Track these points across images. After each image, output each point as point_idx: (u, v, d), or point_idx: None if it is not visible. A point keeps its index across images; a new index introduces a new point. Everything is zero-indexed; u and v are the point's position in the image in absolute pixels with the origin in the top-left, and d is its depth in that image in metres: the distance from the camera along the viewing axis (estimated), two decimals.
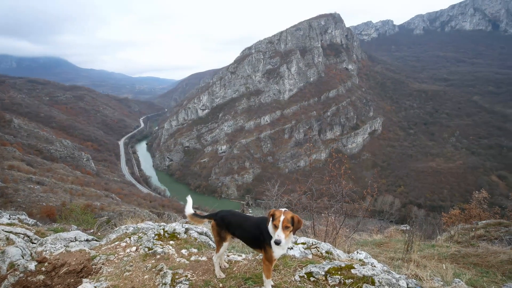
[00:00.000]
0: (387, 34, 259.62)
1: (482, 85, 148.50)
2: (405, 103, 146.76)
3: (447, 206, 51.27)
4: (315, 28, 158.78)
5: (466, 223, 17.99)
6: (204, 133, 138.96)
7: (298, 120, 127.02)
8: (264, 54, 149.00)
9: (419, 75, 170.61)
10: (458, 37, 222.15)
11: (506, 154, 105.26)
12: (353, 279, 3.46)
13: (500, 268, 6.58)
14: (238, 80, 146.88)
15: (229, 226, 3.63)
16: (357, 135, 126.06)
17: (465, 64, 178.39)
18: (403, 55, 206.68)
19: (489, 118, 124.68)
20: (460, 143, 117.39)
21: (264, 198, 12.78)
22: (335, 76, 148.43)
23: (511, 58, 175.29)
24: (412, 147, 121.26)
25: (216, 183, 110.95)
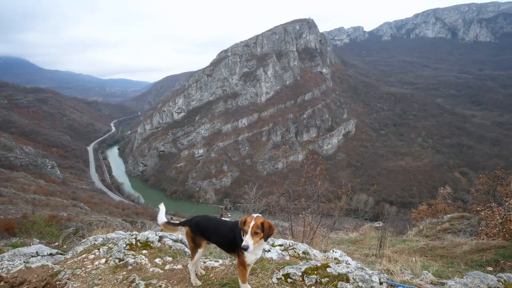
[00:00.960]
0: (358, 40, 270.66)
1: (444, 89, 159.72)
2: (376, 105, 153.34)
3: (416, 202, 54.14)
4: (290, 32, 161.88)
5: (433, 217, 18.99)
6: (180, 137, 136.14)
7: (275, 123, 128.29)
8: (240, 57, 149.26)
9: (388, 79, 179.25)
10: (422, 43, 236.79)
11: (467, 152, 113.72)
12: (329, 278, 3.53)
13: (464, 258, 6.99)
14: (215, 83, 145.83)
15: (204, 232, 3.56)
16: (332, 136, 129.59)
17: (429, 69, 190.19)
18: (373, 60, 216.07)
19: (450, 119, 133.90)
20: (426, 142, 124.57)
21: (242, 202, 12.71)
22: (310, 79, 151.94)
23: (468, 64, 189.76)
24: (383, 147, 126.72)
25: (193, 188, 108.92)
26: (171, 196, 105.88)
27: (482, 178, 20.58)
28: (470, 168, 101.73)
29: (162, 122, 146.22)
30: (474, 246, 7.98)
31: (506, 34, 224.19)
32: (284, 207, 9.42)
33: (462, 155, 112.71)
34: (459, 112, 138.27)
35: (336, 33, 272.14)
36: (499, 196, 15.63)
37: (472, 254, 7.56)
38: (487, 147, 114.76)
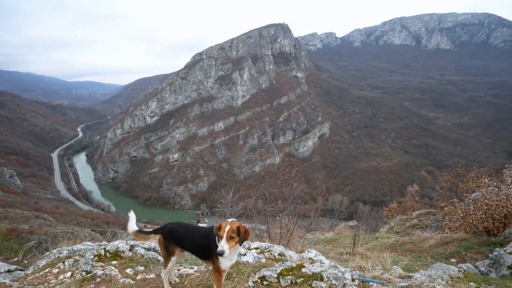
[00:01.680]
0: (331, 45, 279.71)
1: (410, 93, 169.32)
2: (349, 108, 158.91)
3: (387, 200, 56.41)
4: (265, 36, 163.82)
5: (403, 214, 19.91)
6: (153, 142, 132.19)
7: (252, 126, 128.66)
8: (216, 60, 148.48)
9: (359, 83, 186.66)
10: (390, 50, 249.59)
11: (432, 152, 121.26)
12: (304, 278, 3.58)
13: (430, 251, 7.39)
14: (190, 86, 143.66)
15: (178, 239, 3.46)
16: (308, 139, 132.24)
17: (396, 74, 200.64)
18: (345, 65, 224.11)
19: (417, 121, 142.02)
20: (395, 143, 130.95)
21: (219, 206, 12.54)
22: (285, 83, 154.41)
23: (431, 69, 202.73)
24: (356, 148, 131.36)
25: (168, 193, 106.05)
26: (144, 203, 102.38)
27: (446, 176, 21.90)
28: (435, 166, 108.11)
29: (134, 126, 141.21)
30: (439, 240, 8.45)
31: (463, 42, 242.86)
32: (261, 210, 9.43)
33: (428, 155, 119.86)
34: (424, 115, 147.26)
35: (309, 38, 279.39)
36: (461, 192, 16.71)
37: (437, 247, 8.00)
38: (449, 147, 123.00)
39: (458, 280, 3.45)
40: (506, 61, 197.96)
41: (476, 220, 8.89)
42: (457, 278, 3.51)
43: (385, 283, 3.56)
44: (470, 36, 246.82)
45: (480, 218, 8.80)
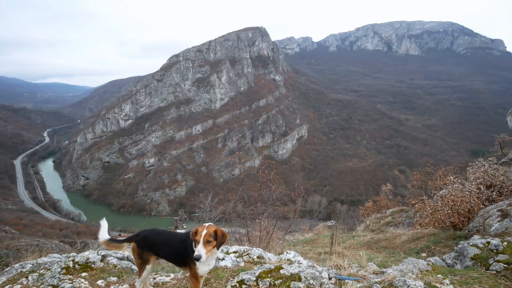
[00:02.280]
0: (308, 49, 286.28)
1: (383, 96, 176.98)
2: (325, 111, 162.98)
3: (363, 200, 58.24)
4: (243, 39, 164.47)
5: (378, 212, 20.64)
6: (127, 146, 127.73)
7: (231, 129, 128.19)
8: (193, 63, 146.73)
9: (335, 87, 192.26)
10: (363, 55, 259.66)
11: (403, 152, 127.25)
12: (282, 279, 3.60)
13: (403, 247, 7.71)
14: (166, 88, 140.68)
15: (153, 247, 3.34)
16: (287, 141, 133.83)
17: (370, 78, 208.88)
18: (322, 69, 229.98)
19: (389, 123, 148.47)
20: (370, 144, 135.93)
21: (197, 211, 12.40)
22: (264, 86, 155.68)
23: (402, 74, 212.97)
24: (333, 150, 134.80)
25: (144, 200, 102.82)
26: (118, 211, 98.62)
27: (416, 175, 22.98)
28: (406, 166, 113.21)
29: (106, 130, 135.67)
30: (411, 236, 8.83)
31: (430, 49, 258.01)
32: (240, 213, 9.38)
33: (400, 155, 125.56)
34: (396, 117, 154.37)
35: (287, 42, 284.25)
36: (430, 190, 17.61)
37: (409, 243, 8.35)
38: (419, 147, 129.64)
39: (427, 273, 3.62)
40: (467, 66, 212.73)
41: (443, 215, 9.39)
42: (426, 271, 3.68)
43: (360, 279, 3.66)
44: (436, 43, 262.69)
45: (447, 213, 9.31)
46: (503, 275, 3.49)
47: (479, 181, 10.78)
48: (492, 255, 3.94)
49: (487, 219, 7.33)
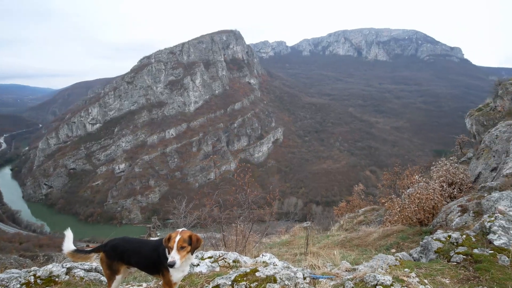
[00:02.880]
0: (282, 53, 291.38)
1: (354, 99, 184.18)
2: (300, 114, 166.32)
3: (337, 200, 59.84)
4: (217, 42, 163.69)
5: (351, 212, 21.32)
6: (95, 152, 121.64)
7: (205, 132, 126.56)
8: (165, 65, 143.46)
9: (309, 90, 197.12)
10: (335, 60, 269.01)
11: (374, 153, 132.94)
12: (258, 282, 3.63)
13: (374, 244, 8.01)
14: (137, 91, 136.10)
15: (123, 256, 3.19)
16: (262, 144, 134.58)
17: (342, 82, 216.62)
18: (296, 73, 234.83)
19: (360, 125, 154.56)
20: (343, 146, 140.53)
21: (172, 217, 12.10)
22: (239, 89, 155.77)
23: (371, 78, 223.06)
24: (308, 152, 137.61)
25: (114, 208, 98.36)
26: (86, 221, 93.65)
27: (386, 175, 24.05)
28: (377, 166, 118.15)
29: (72, 135, 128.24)
30: (381, 233, 9.19)
31: (397, 55, 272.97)
32: (216, 218, 9.27)
33: (371, 156, 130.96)
34: (367, 119, 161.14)
35: (261, 46, 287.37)
36: (398, 189, 18.49)
37: (380, 240, 8.69)
38: (388, 148, 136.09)
39: (395, 267, 3.78)
40: (430, 72, 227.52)
41: (410, 213, 9.89)
42: (394, 266, 3.85)
43: (333, 277, 3.75)
44: (402, 50, 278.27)
45: (414, 211, 9.82)
46: (462, 266, 3.73)
47: (441, 179, 11.52)
48: (453, 247, 4.20)
49: (449, 215, 7.80)
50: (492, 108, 19.11)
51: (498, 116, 16.95)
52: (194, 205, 10.51)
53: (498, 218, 4.47)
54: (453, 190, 10.90)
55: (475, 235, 4.44)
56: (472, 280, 3.43)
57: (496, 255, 3.71)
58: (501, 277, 3.36)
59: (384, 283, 3.19)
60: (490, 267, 3.52)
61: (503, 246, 3.90)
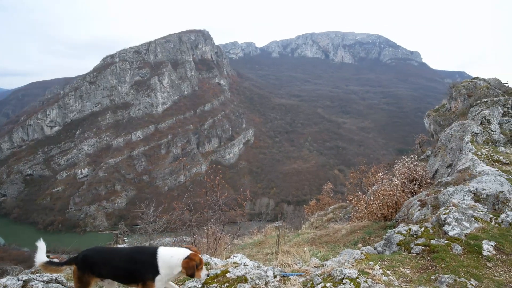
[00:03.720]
0: (251, 54, 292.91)
1: (323, 100, 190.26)
2: (270, 115, 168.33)
3: (308, 199, 61.37)
4: (185, 42, 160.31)
5: (321, 210, 21.97)
6: (55, 156, 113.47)
7: (174, 134, 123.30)
8: (131, 64, 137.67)
9: (279, 91, 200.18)
10: (304, 62, 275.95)
11: (342, 152, 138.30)
12: (229, 282, 3.68)
13: (342, 240, 8.31)
14: (100, 92, 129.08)
15: (93, 267, 3.02)
16: (234, 145, 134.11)
17: (310, 83, 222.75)
18: (265, 74, 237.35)
19: (328, 126, 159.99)
20: (312, 146, 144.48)
21: (140, 223, 11.59)
22: (208, 90, 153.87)
23: (338, 80, 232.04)
24: (279, 153, 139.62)
25: (77, 215, 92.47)
26: (46, 230, 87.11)
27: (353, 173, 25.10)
28: (345, 165, 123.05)
29: (28, 138, 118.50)
30: (349, 229, 9.55)
31: (361, 58, 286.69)
32: (186, 221, 9.07)
33: (339, 155, 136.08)
34: (334, 120, 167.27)
35: (231, 47, 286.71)
36: (364, 186, 19.39)
37: (348, 236, 9.02)
38: (355, 148, 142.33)
39: (360, 261, 3.95)
40: (392, 75, 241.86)
41: (375, 208, 10.40)
42: (360, 260, 4.01)
43: (302, 274, 3.83)
44: (366, 53, 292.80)
45: (378, 206, 10.34)
46: (421, 256, 3.98)
47: (403, 176, 12.26)
48: (413, 239, 4.46)
49: (410, 209, 8.30)
50: (448, 109, 20.76)
51: (452, 116, 18.44)
52: (163, 209, 10.26)
53: (452, 211, 4.82)
54: (414, 186, 11.64)
55: (432, 227, 4.76)
56: (430, 269, 3.68)
57: (450, 244, 4.01)
58: (454, 264, 3.63)
59: (350, 277, 3.32)
60: (445, 256, 3.79)
61: (457, 236, 4.22)
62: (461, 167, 8.37)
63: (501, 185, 6.04)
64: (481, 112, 12.61)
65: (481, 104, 14.08)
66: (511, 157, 8.56)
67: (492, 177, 6.44)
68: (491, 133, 10.94)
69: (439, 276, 3.33)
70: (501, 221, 4.61)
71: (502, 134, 10.98)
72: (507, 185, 6.00)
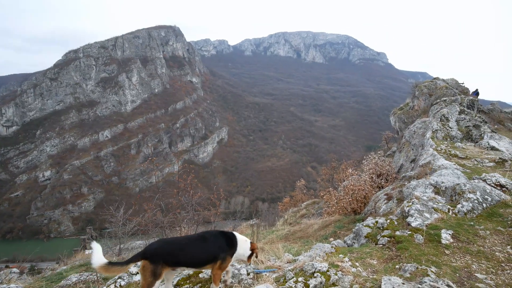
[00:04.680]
0: (224, 52, 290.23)
1: (295, 99, 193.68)
2: (244, 113, 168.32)
3: (282, 196, 62.32)
4: (155, 38, 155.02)
5: (294, 206, 22.41)
6: (13, 158, 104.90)
7: (145, 134, 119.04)
8: (96, 60, 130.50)
9: (252, 90, 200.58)
10: (276, 60, 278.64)
11: (314, 150, 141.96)
12: (201, 283, 3.67)
13: (315, 235, 8.53)
14: (63, 89, 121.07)
15: (167, 257, 3.09)
16: (207, 144, 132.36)
17: (283, 82, 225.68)
18: (239, 72, 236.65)
19: (301, 124, 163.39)
20: (285, 144, 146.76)
21: (109, 226, 11.19)
22: (180, 88, 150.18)
23: (310, 79, 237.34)
24: (253, 151, 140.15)
25: (39, 221, 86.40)
26: (4, 238, 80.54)
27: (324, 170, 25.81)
28: (317, 162, 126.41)
29: None
30: (321, 224, 9.83)
31: (332, 58, 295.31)
32: (158, 222, 8.86)
33: (311, 153, 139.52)
34: (307, 118, 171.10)
35: (203, 44, 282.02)
36: (335, 182, 20.05)
37: (320, 230, 9.28)
38: (326, 145, 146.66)
39: (331, 254, 4.08)
40: (361, 74, 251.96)
41: (345, 203, 10.80)
42: (330, 253, 4.15)
43: (275, 270, 3.89)
44: (336, 53, 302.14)
45: (348, 201, 10.75)
46: (387, 247, 4.20)
47: (371, 171, 12.84)
48: (379, 231, 4.70)
49: (377, 203, 8.71)
50: (411, 107, 22.05)
51: (415, 114, 19.61)
52: (133, 211, 9.98)
53: (415, 203, 5.13)
54: (381, 181, 12.24)
55: (397, 219, 5.04)
56: (394, 258, 3.89)
57: (413, 235, 4.27)
58: (417, 253, 3.88)
59: (321, 270, 3.43)
60: (408, 245, 4.03)
61: (418, 226, 4.50)
62: (423, 161, 8.92)
63: (458, 177, 6.53)
64: (441, 110, 13.52)
65: (441, 102, 15.10)
66: (466, 152, 9.28)
67: (450, 171, 6.93)
68: (449, 129, 11.78)
69: (403, 265, 3.53)
70: (458, 211, 4.98)
71: (459, 130, 11.86)
72: (463, 178, 6.50)
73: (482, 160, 8.26)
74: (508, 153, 8.86)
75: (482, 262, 3.74)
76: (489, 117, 16.08)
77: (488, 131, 11.41)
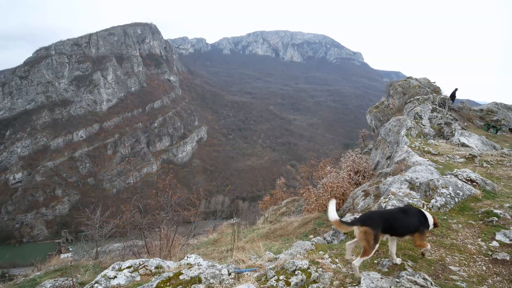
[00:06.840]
0: (202, 51, 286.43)
1: (274, 98, 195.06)
2: (223, 112, 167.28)
3: (262, 195, 62.67)
4: (131, 35, 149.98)
5: (275, 205, 22.58)
6: None
7: (122, 133, 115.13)
8: (69, 58, 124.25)
9: (231, 89, 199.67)
10: (255, 59, 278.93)
11: (293, 148, 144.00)
12: (182, 285, 3.62)
13: (295, 233, 8.65)
14: (34, 88, 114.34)
15: (385, 225, 3.58)
16: (186, 144, 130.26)
17: (261, 81, 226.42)
18: (217, 71, 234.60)
19: (280, 122, 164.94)
20: (265, 143, 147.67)
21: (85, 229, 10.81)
22: (158, 86, 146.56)
23: (288, 78, 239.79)
24: (232, 150, 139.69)
25: (10, 225, 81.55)
26: None
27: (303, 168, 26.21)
28: (296, 160, 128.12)
29: None
30: (301, 222, 9.98)
31: (309, 57, 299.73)
32: (136, 224, 8.66)
33: (290, 151, 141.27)
34: (286, 117, 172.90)
35: (180, 42, 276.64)
36: (314, 180, 20.41)
37: (300, 228, 9.42)
38: (305, 143, 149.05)
39: (311, 252, 4.14)
40: (338, 73, 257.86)
41: (324, 200, 11.02)
42: (311, 250, 4.21)
43: (256, 269, 3.90)
44: (314, 52, 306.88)
45: (327, 198, 10.98)
46: None
47: (349, 168, 13.17)
48: None
49: (355, 199, 8.96)
50: (386, 106, 22.83)
51: (390, 112, 20.35)
52: (111, 213, 9.73)
53: (391, 199, 5.33)
54: (359, 178, 12.60)
55: None
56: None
57: None
58: None
59: (302, 267, 3.49)
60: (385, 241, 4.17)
61: None
62: (398, 158, 9.27)
63: (431, 173, 6.85)
64: (414, 109, 14.11)
65: (414, 101, 15.78)
66: (439, 149, 9.74)
67: (424, 167, 7.25)
68: (422, 127, 12.33)
69: (381, 260, 3.65)
70: (432, 206, 5.23)
71: (432, 128, 12.44)
72: (436, 174, 6.82)
73: (453, 156, 8.69)
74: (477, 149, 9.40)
75: (455, 254, 3.95)
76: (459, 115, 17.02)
77: (458, 128, 12.05)
